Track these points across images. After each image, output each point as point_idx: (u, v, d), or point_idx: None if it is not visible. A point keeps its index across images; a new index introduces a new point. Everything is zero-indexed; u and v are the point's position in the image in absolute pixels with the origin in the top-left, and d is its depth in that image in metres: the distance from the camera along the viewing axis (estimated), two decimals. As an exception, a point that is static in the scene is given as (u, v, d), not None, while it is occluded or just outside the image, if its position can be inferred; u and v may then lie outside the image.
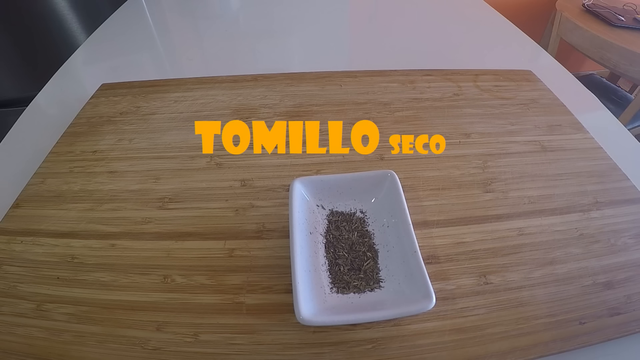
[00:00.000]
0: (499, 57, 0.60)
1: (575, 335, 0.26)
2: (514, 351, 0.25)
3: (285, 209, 0.33)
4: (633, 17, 1.22)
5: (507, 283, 0.29)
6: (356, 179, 0.32)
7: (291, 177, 0.34)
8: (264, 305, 0.27)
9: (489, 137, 0.41)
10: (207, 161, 0.38)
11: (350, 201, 0.32)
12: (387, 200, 0.31)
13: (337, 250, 0.29)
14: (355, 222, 0.31)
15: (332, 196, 0.32)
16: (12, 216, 0.33)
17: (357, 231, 0.30)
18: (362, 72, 0.51)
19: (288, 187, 0.32)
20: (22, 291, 0.28)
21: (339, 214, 0.32)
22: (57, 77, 0.56)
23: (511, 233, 0.32)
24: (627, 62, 1.10)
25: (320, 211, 0.32)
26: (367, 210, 0.32)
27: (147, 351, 0.25)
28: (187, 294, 0.28)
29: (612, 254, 0.31)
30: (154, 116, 0.44)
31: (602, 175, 0.37)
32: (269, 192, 0.35)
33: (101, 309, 0.27)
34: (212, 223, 0.32)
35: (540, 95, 0.48)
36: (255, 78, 0.50)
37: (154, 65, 0.60)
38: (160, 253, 0.30)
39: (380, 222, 0.31)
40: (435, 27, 0.71)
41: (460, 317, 0.27)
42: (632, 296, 0.28)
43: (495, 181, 0.36)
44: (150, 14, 0.75)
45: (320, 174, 0.37)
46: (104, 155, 0.39)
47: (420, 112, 0.44)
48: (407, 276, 0.26)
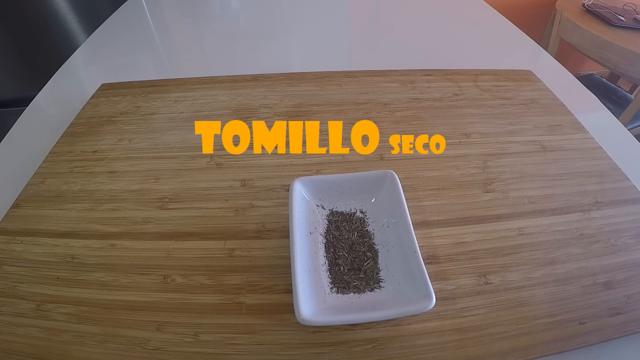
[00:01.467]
0: (499, 57, 0.60)
1: (575, 335, 0.26)
2: (514, 351, 0.25)
3: (285, 209, 0.33)
4: (633, 17, 1.22)
5: (507, 283, 0.29)
6: (356, 179, 0.32)
7: (291, 177, 0.34)
8: (264, 305, 0.27)
9: (489, 137, 0.41)
10: (207, 161, 0.38)
11: (350, 201, 0.32)
12: (387, 200, 0.31)
13: (337, 250, 0.29)
14: (355, 222, 0.31)
15: (332, 196, 0.32)
16: (12, 216, 0.33)
17: (357, 231, 0.30)
18: (362, 72, 0.51)
19: (288, 187, 0.32)
20: (22, 291, 0.28)
21: (339, 214, 0.32)
22: (57, 77, 0.56)
23: (511, 233, 0.32)
24: (627, 62, 1.10)
25: (320, 211, 0.32)
26: (367, 210, 0.32)
27: (147, 351, 0.25)
28: (187, 294, 0.28)
29: (612, 254, 0.31)
30: (154, 116, 0.44)
31: (602, 175, 0.37)
32: (269, 192, 0.35)
33: (101, 309, 0.27)
34: (212, 223, 0.32)
35: (540, 95, 0.48)
36: (255, 78, 0.50)
37: (154, 65, 0.60)
38: (160, 253, 0.30)
39: (380, 222, 0.31)
40: (435, 27, 0.71)
41: (460, 317, 0.27)
42: (632, 296, 0.28)
43: (495, 181, 0.36)
44: (150, 14, 0.75)
45: (320, 174, 0.37)
46: (104, 155, 0.39)
47: (420, 112, 0.44)
48: (407, 276, 0.26)
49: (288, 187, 0.32)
